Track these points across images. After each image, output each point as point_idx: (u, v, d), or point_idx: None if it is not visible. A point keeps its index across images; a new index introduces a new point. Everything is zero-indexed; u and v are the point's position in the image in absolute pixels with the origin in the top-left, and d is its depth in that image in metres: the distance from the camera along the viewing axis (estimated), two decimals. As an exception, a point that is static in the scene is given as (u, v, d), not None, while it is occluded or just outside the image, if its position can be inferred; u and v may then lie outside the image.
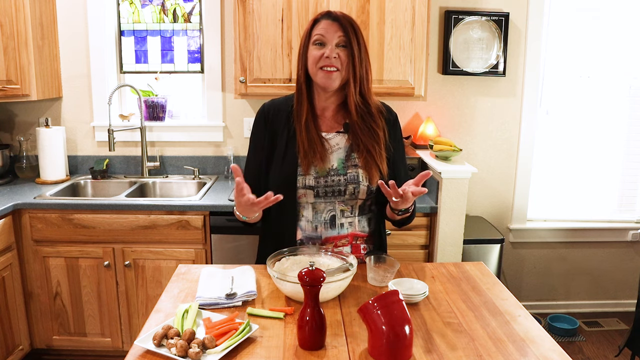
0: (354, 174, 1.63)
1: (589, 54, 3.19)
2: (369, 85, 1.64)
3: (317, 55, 1.57)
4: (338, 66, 1.56)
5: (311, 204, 1.64)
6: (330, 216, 1.65)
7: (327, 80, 1.57)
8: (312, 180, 1.62)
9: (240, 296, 1.43)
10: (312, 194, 1.62)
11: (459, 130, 3.17)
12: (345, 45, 1.57)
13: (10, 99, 2.74)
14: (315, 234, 1.66)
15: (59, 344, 2.71)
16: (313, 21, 1.61)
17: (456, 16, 2.99)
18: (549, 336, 1.30)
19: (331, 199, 1.64)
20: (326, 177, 1.63)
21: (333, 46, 1.56)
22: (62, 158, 2.98)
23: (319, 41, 1.58)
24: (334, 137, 1.66)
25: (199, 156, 3.17)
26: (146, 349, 1.19)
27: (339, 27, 1.56)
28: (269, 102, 1.74)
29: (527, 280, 3.39)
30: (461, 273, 1.68)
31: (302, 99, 1.64)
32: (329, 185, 1.63)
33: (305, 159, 1.60)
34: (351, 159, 1.65)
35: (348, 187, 1.63)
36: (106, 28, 3.06)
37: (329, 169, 1.63)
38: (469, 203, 3.19)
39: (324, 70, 1.56)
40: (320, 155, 1.61)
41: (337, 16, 1.58)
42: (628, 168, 3.33)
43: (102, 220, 2.56)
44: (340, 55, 1.56)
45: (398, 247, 2.62)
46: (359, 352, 1.21)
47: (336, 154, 1.65)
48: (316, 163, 1.61)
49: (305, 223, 1.66)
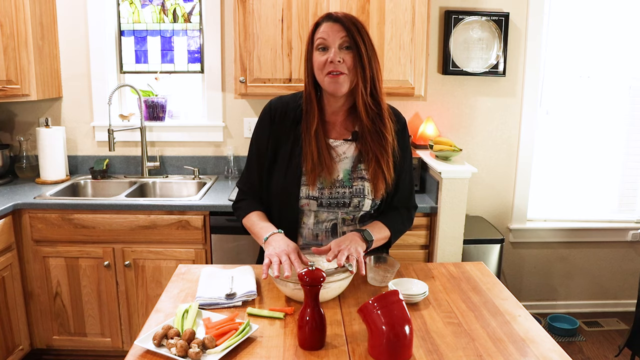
0: (360, 187, 1.59)
1: (589, 54, 3.19)
2: (380, 85, 1.56)
3: (322, 61, 1.50)
4: (344, 70, 1.49)
5: (314, 212, 1.62)
6: (332, 225, 1.63)
7: (334, 86, 1.50)
8: (316, 192, 1.58)
9: (240, 296, 1.43)
10: (315, 203, 1.59)
11: (459, 130, 3.17)
12: (350, 47, 1.49)
13: (10, 99, 2.74)
14: (316, 242, 1.64)
15: (59, 344, 2.71)
16: (315, 25, 1.54)
17: (456, 16, 2.99)
18: (549, 336, 1.30)
19: (334, 209, 1.61)
20: (331, 189, 1.58)
21: (336, 49, 1.48)
22: (62, 158, 2.98)
23: (322, 45, 1.50)
24: (342, 145, 1.61)
25: (199, 156, 3.17)
26: (146, 349, 1.19)
27: (341, 28, 1.49)
28: (276, 99, 1.67)
29: (527, 280, 3.39)
30: (461, 273, 1.68)
31: (312, 107, 1.57)
32: (333, 197, 1.59)
33: (312, 172, 1.55)
34: (357, 171, 1.60)
35: (353, 200, 1.59)
36: (106, 28, 3.06)
37: (334, 180, 1.59)
38: (469, 203, 3.19)
39: (330, 76, 1.49)
40: (327, 166, 1.56)
41: (338, 17, 1.50)
42: (628, 168, 3.33)
43: (102, 220, 2.56)
44: (345, 58, 1.49)
45: (398, 247, 2.62)
46: (359, 352, 1.20)
47: (342, 163, 1.60)
48: (322, 174, 1.56)
49: (307, 230, 1.63)
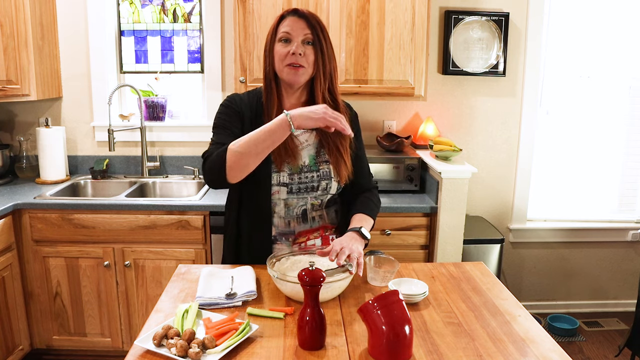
0: (326, 170, 1.66)
1: (589, 54, 3.19)
2: (336, 83, 1.65)
3: (283, 52, 1.56)
4: (304, 64, 1.56)
5: (283, 200, 1.65)
6: (302, 210, 1.67)
7: (293, 77, 1.57)
8: (286, 177, 1.63)
9: (240, 296, 1.43)
10: (285, 190, 1.64)
11: (459, 130, 3.17)
12: (312, 43, 1.56)
13: (10, 99, 2.74)
14: (289, 229, 1.68)
15: (59, 344, 2.71)
16: (279, 18, 1.60)
17: (456, 16, 2.99)
18: (549, 336, 1.30)
19: (304, 194, 1.66)
20: (299, 174, 1.64)
21: (299, 43, 1.55)
22: (62, 158, 2.98)
23: (285, 38, 1.56)
24: (302, 133, 1.67)
25: (199, 156, 3.16)
26: (146, 349, 1.19)
27: (305, 25, 1.56)
28: (233, 94, 1.71)
29: (527, 280, 3.39)
30: (461, 273, 1.68)
31: (271, 96, 1.63)
32: (303, 182, 1.64)
33: (278, 156, 1.60)
34: (321, 155, 1.67)
35: (321, 183, 1.66)
36: (106, 28, 3.06)
37: (302, 166, 1.64)
38: (469, 203, 3.19)
39: (289, 67, 1.55)
40: (292, 152, 1.61)
41: (304, 13, 1.57)
42: (628, 168, 3.33)
43: (102, 220, 2.56)
44: (307, 52, 1.56)
45: (398, 247, 2.62)
46: (359, 352, 1.20)
47: (306, 150, 1.66)
48: (289, 160, 1.61)
49: (278, 219, 1.67)
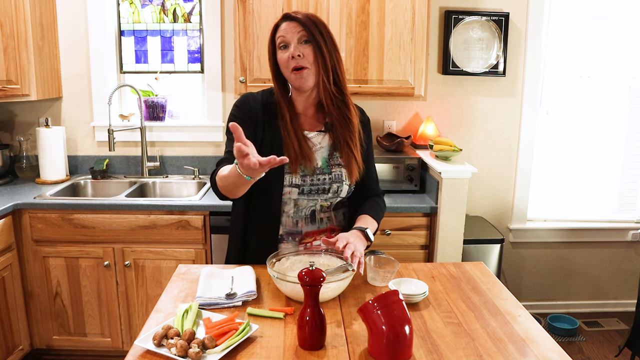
0: (339, 173, 1.67)
1: (589, 54, 3.19)
2: (342, 75, 1.64)
3: (285, 58, 1.57)
4: (305, 64, 1.56)
5: (294, 200, 1.66)
6: (311, 211, 1.68)
7: (300, 81, 1.58)
8: (298, 179, 1.64)
9: (240, 296, 1.43)
10: (296, 191, 1.64)
11: (459, 130, 3.17)
12: (308, 40, 1.57)
13: (10, 99, 2.74)
14: (296, 229, 1.68)
15: (59, 344, 2.71)
16: (274, 27, 1.62)
17: (456, 16, 2.99)
18: (549, 336, 1.30)
19: (314, 196, 1.67)
20: (312, 176, 1.65)
21: (296, 44, 1.56)
22: (62, 158, 2.98)
23: (283, 43, 1.58)
24: (316, 136, 1.68)
25: (199, 156, 3.17)
26: (146, 349, 1.19)
27: (297, 25, 1.56)
28: (248, 94, 1.72)
29: (527, 280, 3.39)
30: (461, 273, 1.68)
31: (283, 103, 1.65)
32: (315, 184, 1.65)
33: (293, 159, 1.61)
34: (334, 158, 1.68)
35: (332, 186, 1.66)
36: (106, 28, 3.06)
37: (315, 168, 1.65)
38: (469, 203, 3.19)
39: (295, 72, 1.57)
40: (307, 154, 1.62)
41: (295, 16, 1.58)
42: (628, 168, 3.33)
43: (102, 220, 2.56)
44: (305, 52, 1.56)
45: (398, 247, 2.62)
46: (359, 352, 1.20)
47: (320, 152, 1.67)
48: (303, 162, 1.62)
49: (286, 218, 1.68)
